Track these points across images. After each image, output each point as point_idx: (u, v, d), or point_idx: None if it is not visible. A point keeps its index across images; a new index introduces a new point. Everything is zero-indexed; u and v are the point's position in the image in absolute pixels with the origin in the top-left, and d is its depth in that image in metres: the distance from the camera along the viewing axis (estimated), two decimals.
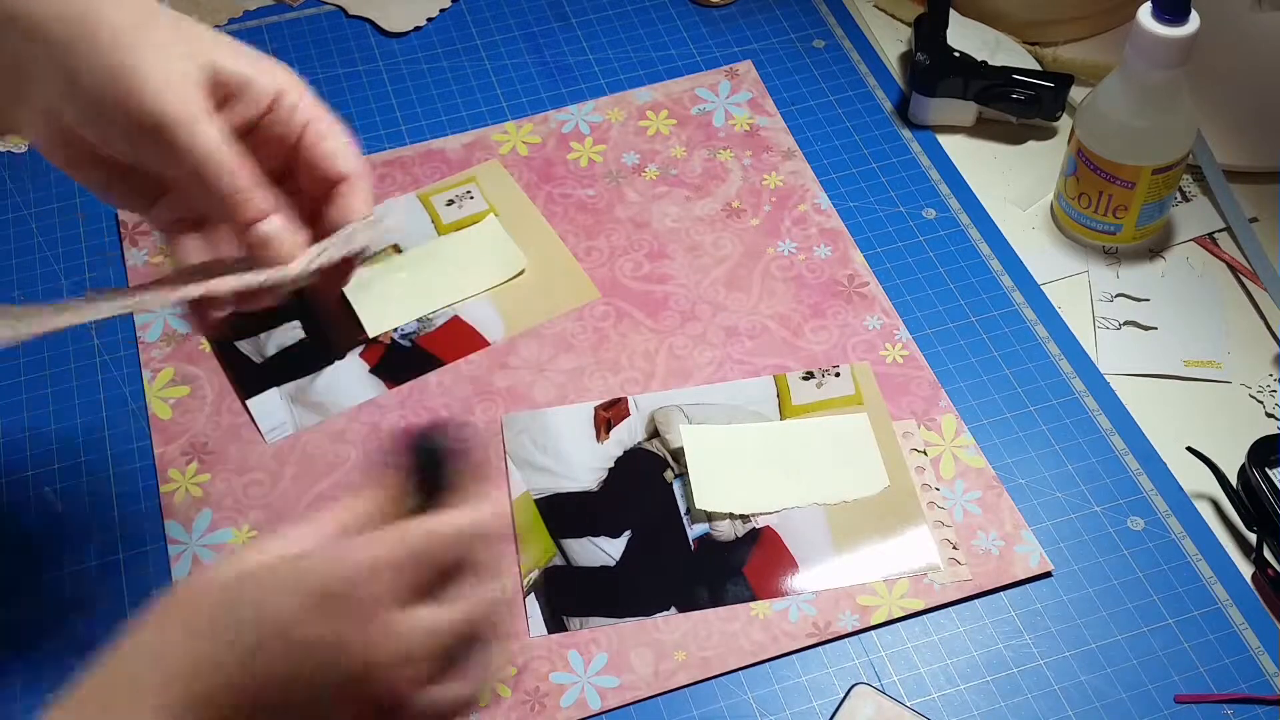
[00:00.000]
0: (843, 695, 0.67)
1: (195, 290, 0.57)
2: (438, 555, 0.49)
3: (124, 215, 0.90)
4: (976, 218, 0.89)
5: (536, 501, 0.75)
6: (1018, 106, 0.92)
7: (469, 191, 0.91)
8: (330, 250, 0.59)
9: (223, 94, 0.57)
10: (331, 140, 0.59)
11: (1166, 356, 0.82)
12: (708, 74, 0.98)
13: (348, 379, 0.81)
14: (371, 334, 0.83)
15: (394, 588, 0.47)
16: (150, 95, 0.54)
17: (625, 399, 0.80)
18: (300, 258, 0.58)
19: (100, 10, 0.55)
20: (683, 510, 0.75)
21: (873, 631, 0.71)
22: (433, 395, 0.80)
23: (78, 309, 0.56)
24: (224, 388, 0.81)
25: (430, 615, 0.48)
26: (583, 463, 0.77)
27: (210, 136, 0.55)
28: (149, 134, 0.55)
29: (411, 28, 1.02)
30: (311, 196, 0.60)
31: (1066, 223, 0.88)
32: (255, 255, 0.57)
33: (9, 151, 0.94)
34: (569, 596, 0.72)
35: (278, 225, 0.57)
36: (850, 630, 0.70)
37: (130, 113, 0.54)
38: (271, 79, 0.58)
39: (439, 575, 0.49)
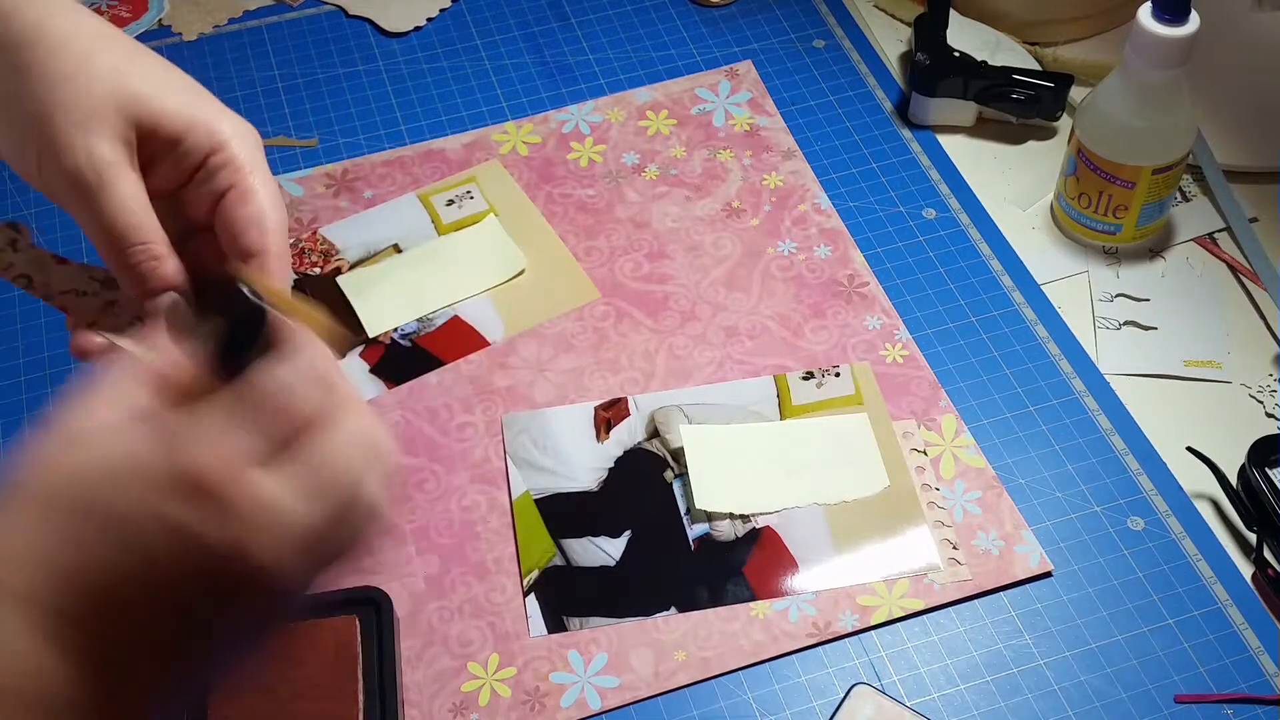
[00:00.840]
0: (843, 695, 0.67)
1: (83, 310, 0.54)
2: (280, 405, 0.43)
3: None
4: (976, 218, 0.89)
5: (536, 501, 0.75)
6: (1018, 106, 0.92)
7: (469, 191, 0.91)
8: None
9: (151, 148, 0.54)
10: (250, 207, 0.55)
11: (1166, 356, 0.82)
12: (708, 74, 0.98)
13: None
14: (371, 334, 0.83)
15: (246, 455, 0.42)
16: (65, 147, 0.52)
17: (625, 399, 0.80)
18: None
19: (40, 36, 0.53)
20: (683, 510, 0.75)
21: (873, 631, 0.71)
22: (433, 395, 0.80)
23: None
24: None
25: (290, 475, 0.43)
26: (583, 463, 0.77)
27: (122, 198, 0.52)
28: (64, 185, 0.52)
29: (411, 28, 1.02)
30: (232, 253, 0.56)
31: (1066, 223, 0.88)
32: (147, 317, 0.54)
33: None
34: (569, 596, 0.72)
35: (172, 303, 0.53)
36: (850, 630, 0.70)
37: (48, 162, 0.52)
38: (207, 133, 0.55)
39: (290, 431, 0.43)
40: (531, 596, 0.72)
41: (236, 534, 0.41)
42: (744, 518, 0.74)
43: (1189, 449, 0.76)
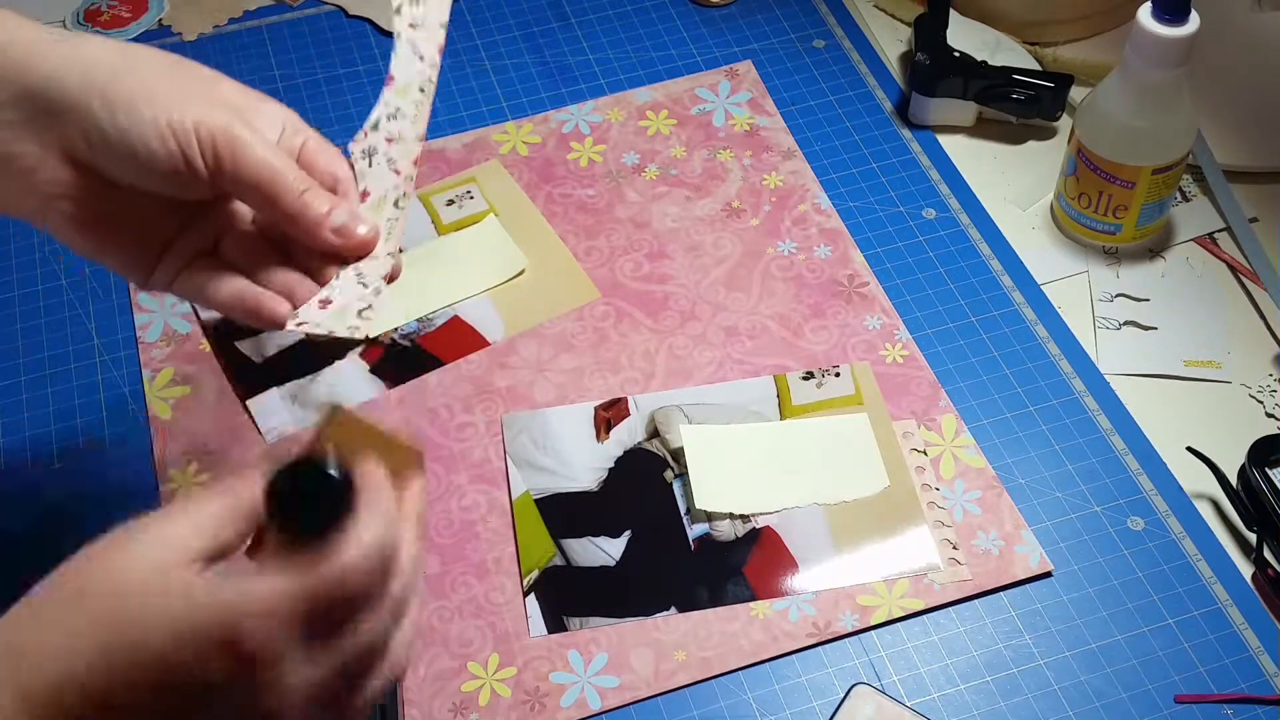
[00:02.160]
0: (842, 695, 0.67)
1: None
2: (336, 598, 0.45)
3: None
4: (976, 218, 0.89)
5: (536, 501, 0.75)
6: (1018, 106, 0.92)
7: (469, 191, 0.91)
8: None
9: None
10: (326, 153, 0.59)
11: (1166, 356, 0.82)
12: (708, 74, 0.98)
13: (348, 379, 0.81)
14: (372, 334, 0.83)
15: (288, 634, 0.44)
16: (207, 114, 0.55)
17: (625, 399, 0.80)
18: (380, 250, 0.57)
19: (126, 67, 0.56)
20: (683, 510, 0.75)
21: (873, 631, 0.71)
22: (433, 395, 0.80)
23: None
24: (224, 388, 0.81)
25: (320, 663, 0.45)
26: (583, 463, 0.77)
27: (269, 144, 0.56)
28: (208, 153, 0.55)
29: None
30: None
31: (1066, 223, 0.88)
32: (336, 247, 0.57)
33: None
34: (569, 596, 0.72)
35: (350, 210, 0.57)
36: (850, 630, 0.70)
37: (188, 134, 0.54)
38: (276, 107, 0.59)
39: (335, 617, 0.46)
40: (531, 596, 0.72)
41: (261, 705, 0.44)
42: (744, 518, 0.74)
43: (1189, 449, 0.76)
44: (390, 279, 0.58)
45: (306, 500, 0.45)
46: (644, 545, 0.74)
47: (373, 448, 0.48)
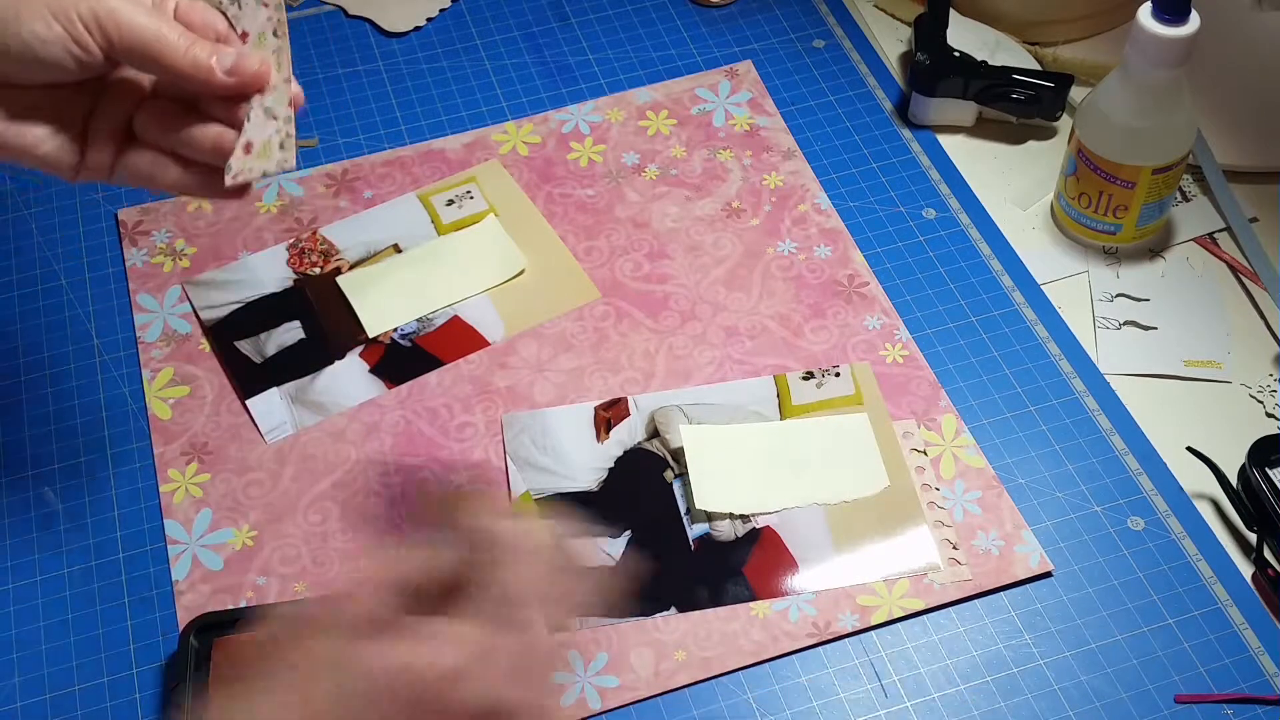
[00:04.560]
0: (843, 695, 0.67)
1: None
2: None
3: (123, 215, 0.89)
4: (976, 218, 0.89)
5: (536, 501, 0.75)
6: (1018, 106, 0.92)
7: (469, 191, 0.91)
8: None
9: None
10: (197, 9, 0.61)
11: (1166, 356, 0.82)
12: (708, 74, 0.98)
13: (347, 379, 0.81)
14: (371, 334, 0.83)
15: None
16: None
17: (625, 399, 0.80)
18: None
19: None
20: (683, 510, 0.75)
21: (873, 631, 0.71)
22: (433, 395, 0.80)
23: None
24: (224, 388, 0.81)
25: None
26: (583, 463, 0.77)
27: (147, 9, 0.58)
28: (94, 30, 0.57)
29: (411, 28, 1.02)
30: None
31: (1066, 223, 0.88)
32: (233, 86, 0.59)
33: None
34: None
35: (234, 52, 0.59)
36: (850, 630, 0.70)
37: (71, 20, 0.57)
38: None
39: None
40: None
41: None
42: (744, 518, 0.74)
43: (1189, 449, 0.76)
44: (294, 105, 0.60)
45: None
46: (644, 545, 0.74)
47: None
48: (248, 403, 0.80)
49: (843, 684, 0.69)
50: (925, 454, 0.77)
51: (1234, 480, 0.75)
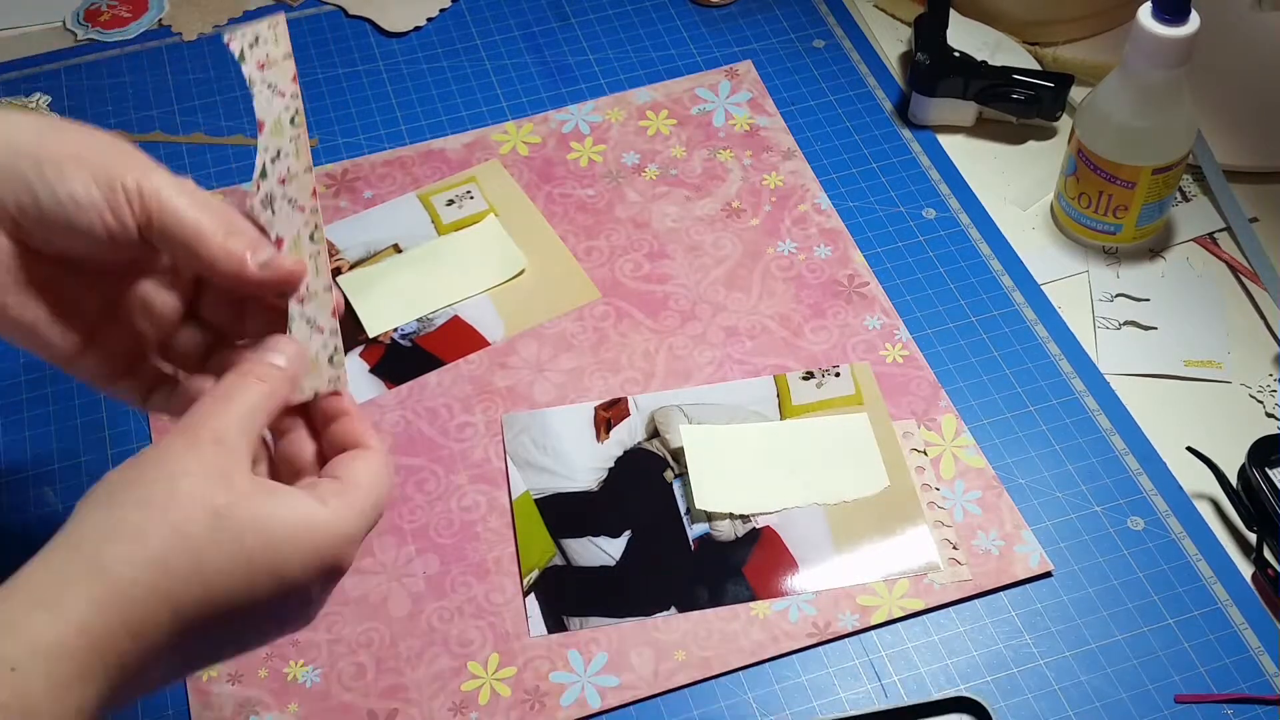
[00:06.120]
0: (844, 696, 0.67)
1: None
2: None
3: None
4: (976, 218, 0.89)
5: (536, 501, 0.75)
6: (1018, 106, 0.92)
7: (469, 191, 0.91)
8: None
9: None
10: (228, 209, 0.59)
11: (1166, 356, 0.82)
12: (708, 74, 0.98)
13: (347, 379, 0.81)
14: (371, 334, 0.83)
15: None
16: (129, 167, 0.55)
17: (625, 399, 0.80)
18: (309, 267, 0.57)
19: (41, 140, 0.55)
20: (683, 510, 0.75)
21: (873, 631, 0.71)
22: (433, 395, 0.80)
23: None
24: None
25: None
26: (583, 463, 0.77)
27: (189, 193, 0.55)
28: (135, 204, 0.54)
29: (411, 28, 1.02)
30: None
31: (1066, 223, 0.88)
32: (266, 282, 0.56)
33: None
34: (569, 596, 0.72)
35: (270, 248, 0.56)
36: (850, 630, 0.70)
37: (115, 188, 0.54)
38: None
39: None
40: (531, 596, 0.72)
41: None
42: (744, 518, 0.74)
43: (1189, 449, 0.76)
44: (337, 314, 0.57)
45: None
46: (644, 545, 0.74)
47: None
48: None
49: (843, 684, 0.69)
50: (925, 454, 0.77)
51: (1234, 480, 0.75)
